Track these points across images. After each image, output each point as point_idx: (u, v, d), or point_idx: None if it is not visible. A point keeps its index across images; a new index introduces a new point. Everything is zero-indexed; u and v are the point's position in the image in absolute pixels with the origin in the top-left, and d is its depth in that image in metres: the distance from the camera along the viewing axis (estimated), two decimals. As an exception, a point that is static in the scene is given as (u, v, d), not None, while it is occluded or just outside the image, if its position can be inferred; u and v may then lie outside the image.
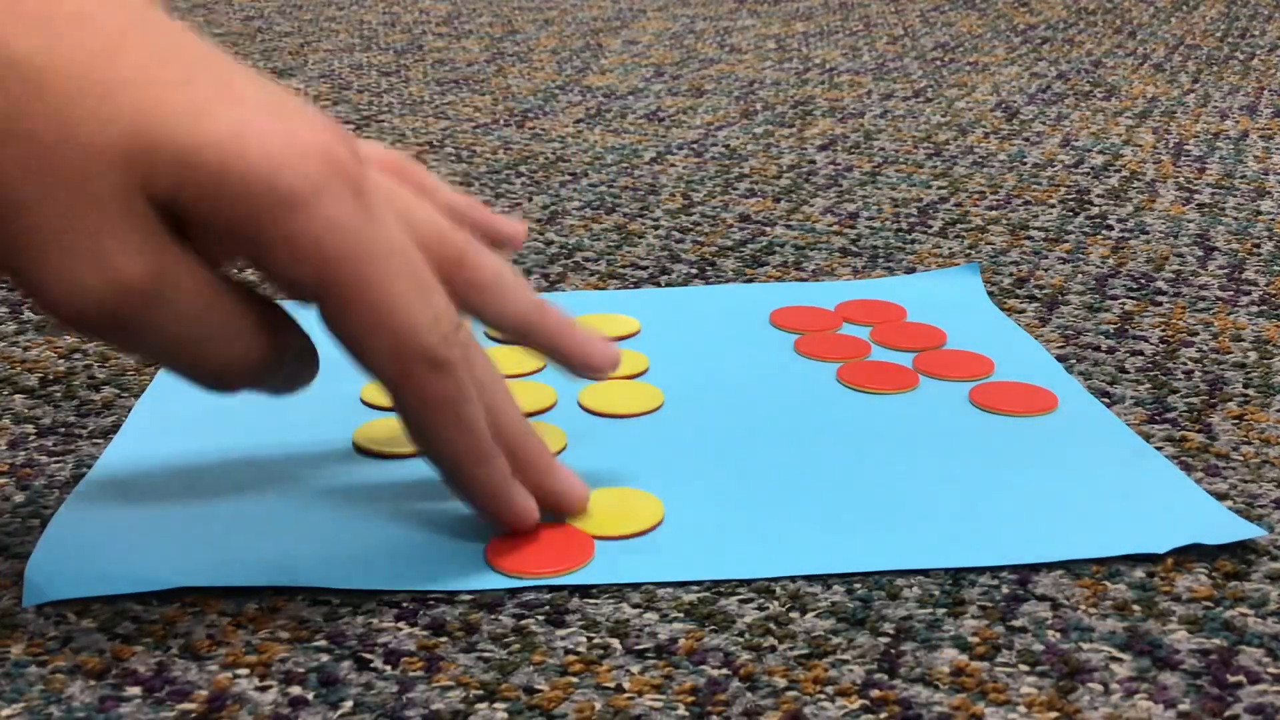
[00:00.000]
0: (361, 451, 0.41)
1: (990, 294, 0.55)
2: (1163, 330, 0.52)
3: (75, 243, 0.28)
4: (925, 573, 0.35)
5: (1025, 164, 0.76)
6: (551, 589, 0.35)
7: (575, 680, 0.31)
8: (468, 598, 0.34)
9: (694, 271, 0.58)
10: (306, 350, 0.34)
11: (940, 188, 0.71)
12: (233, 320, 0.31)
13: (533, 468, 0.35)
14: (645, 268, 0.59)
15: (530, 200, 0.69)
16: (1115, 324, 0.53)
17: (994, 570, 0.36)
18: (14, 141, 0.27)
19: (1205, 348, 0.50)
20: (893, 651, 0.32)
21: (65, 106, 0.28)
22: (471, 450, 0.33)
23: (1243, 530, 0.37)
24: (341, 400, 0.45)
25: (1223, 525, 0.37)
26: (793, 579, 0.35)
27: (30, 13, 0.28)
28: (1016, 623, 0.33)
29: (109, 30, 0.29)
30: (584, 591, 0.35)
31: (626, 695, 0.31)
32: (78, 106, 0.28)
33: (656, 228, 0.64)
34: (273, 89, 0.30)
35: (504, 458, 0.34)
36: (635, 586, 0.35)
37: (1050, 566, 0.36)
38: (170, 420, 0.43)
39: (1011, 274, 0.58)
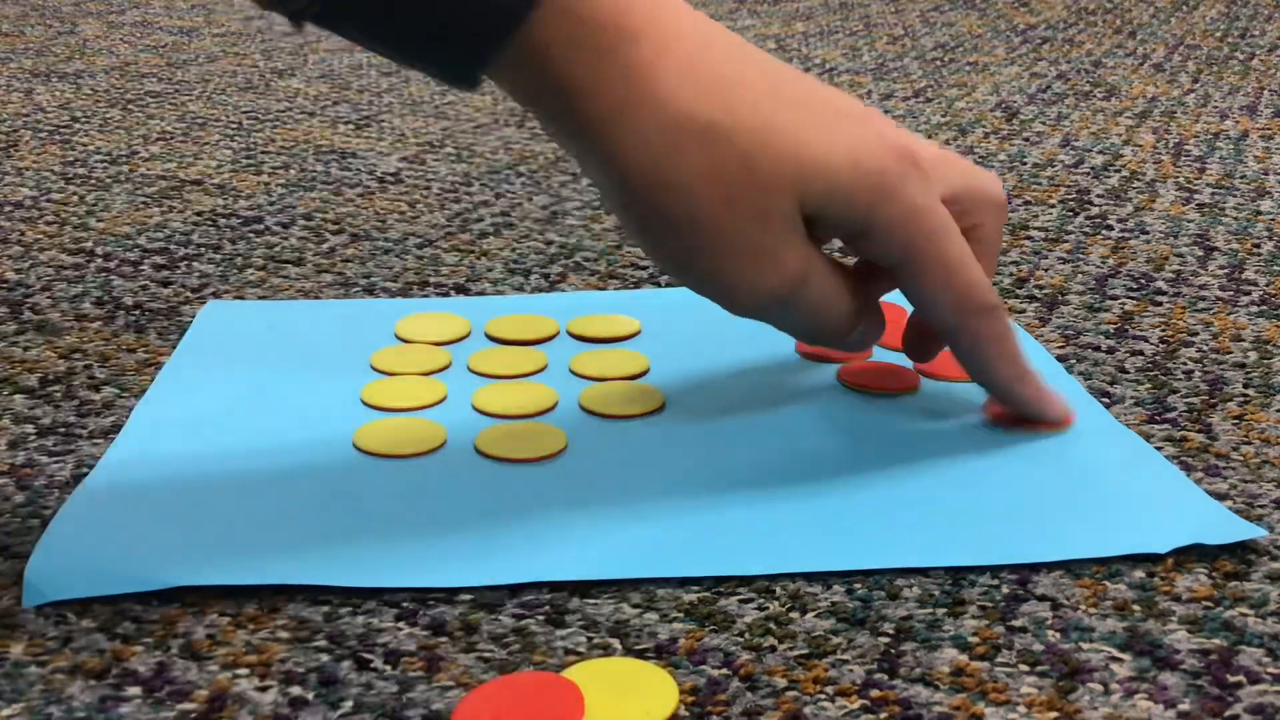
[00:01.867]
0: (362, 451, 0.41)
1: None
2: (1163, 330, 0.52)
3: (760, 253, 0.38)
4: (925, 573, 0.35)
5: (1025, 164, 0.76)
6: (552, 589, 0.35)
7: (575, 680, 0.31)
8: (468, 598, 0.34)
9: (694, 271, 0.58)
10: (874, 311, 0.42)
11: (940, 188, 0.71)
12: (845, 289, 0.40)
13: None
14: (645, 267, 0.59)
15: (530, 200, 0.69)
16: (1115, 324, 0.53)
17: (994, 570, 0.36)
18: (712, 184, 0.36)
19: (1205, 348, 0.50)
20: (893, 651, 0.32)
21: (748, 154, 0.37)
22: (1017, 372, 0.42)
23: (1243, 531, 0.37)
24: (342, 401, 0.45)
25: (1223, 526, 0.37)
26: (792, 579, 0.35)
27: (705, 83, 0.37)
28: (1016, 623, 0.33)
29: (759, 89, 0.37)
30: (584, 591, 0.35)
31: (626, 695, 0.31)
32: (757, 154, 0.37)
33: (656, 228, 0.64)
34: (846, 97, 0.39)
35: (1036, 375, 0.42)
36: (635, 586, 0.35)
37: (1050, 566, 0.36)
38: (170, 421, 0.43)
39: (1011, 274, 0.58)
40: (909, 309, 0.53)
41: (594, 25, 0.35)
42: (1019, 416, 0.43)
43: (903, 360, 0.48)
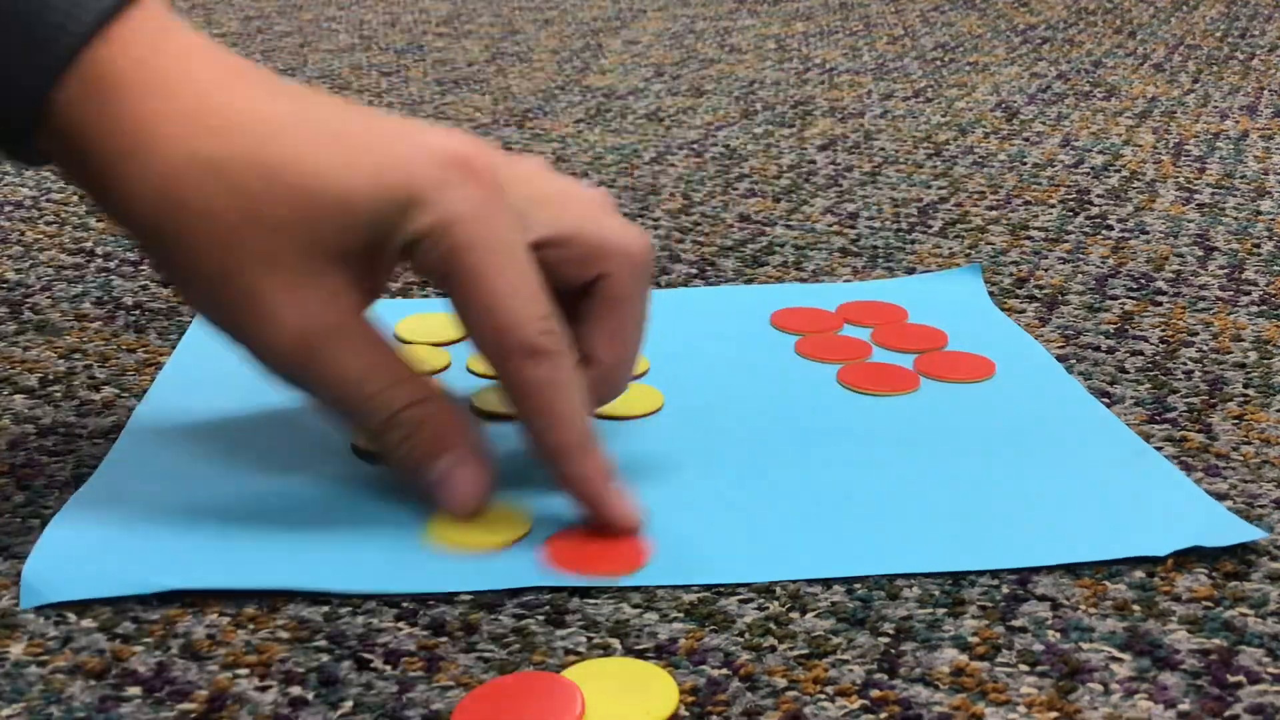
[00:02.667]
0: (361, 455, 0.41)
1: (990, 294, 0.55)
2: (1163, 330, 0.52)
3: (268, 304, 0.34)
4: (925, 574, 0.35)
5: (1025, 164, 0.76)
6: (552, 589, 0.35)
7: (575, 680, 0.31)
8: (467, 598, 0.34)
9: (694, 271, 0.58)
10: (471, 453, 0.36)
11: (940, 188, 0.71)
12: (394, 377, 0.35)
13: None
14: (645, 268, 0.59)
15: (530, 200, 0.69)
16: (1115, 324, 0.53)
17: (994, 570, 0.36)
18: (211, 228, 0.33)
19: (1205, 348, 0.50)
20: (893, 651, 0.32)
21: (251, 193, 0.33)
22: (569, 440, 0.35)
23: (1244, 533, 0.37)
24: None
25: (1224, 528, 0.37)
26: (792, 579, 0.35)
27: (212, 122, 0.34)
28: (1016, 623, 0.33)
29: (278, 123, 0.34)
30: (584, 592, 0.35)
31: (626, 695, 0.31)
32: (262, 192, 0.33)
33: (656, 228, 0.64)
34: (403, 119, 0.36)
35: (602, 453, 0.36)
36: (635, 586, 0.35)
37: (1050, 567, 0.36)
38: (169, 423, 0.43)
39: (1011, 274, 0.58)
40: (910, 310, 0.53)
41: (109, 83, 0.34)
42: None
43: (904, 361, 0.48)
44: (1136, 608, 0.34)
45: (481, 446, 0.36)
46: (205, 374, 0.46)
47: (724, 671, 0.31)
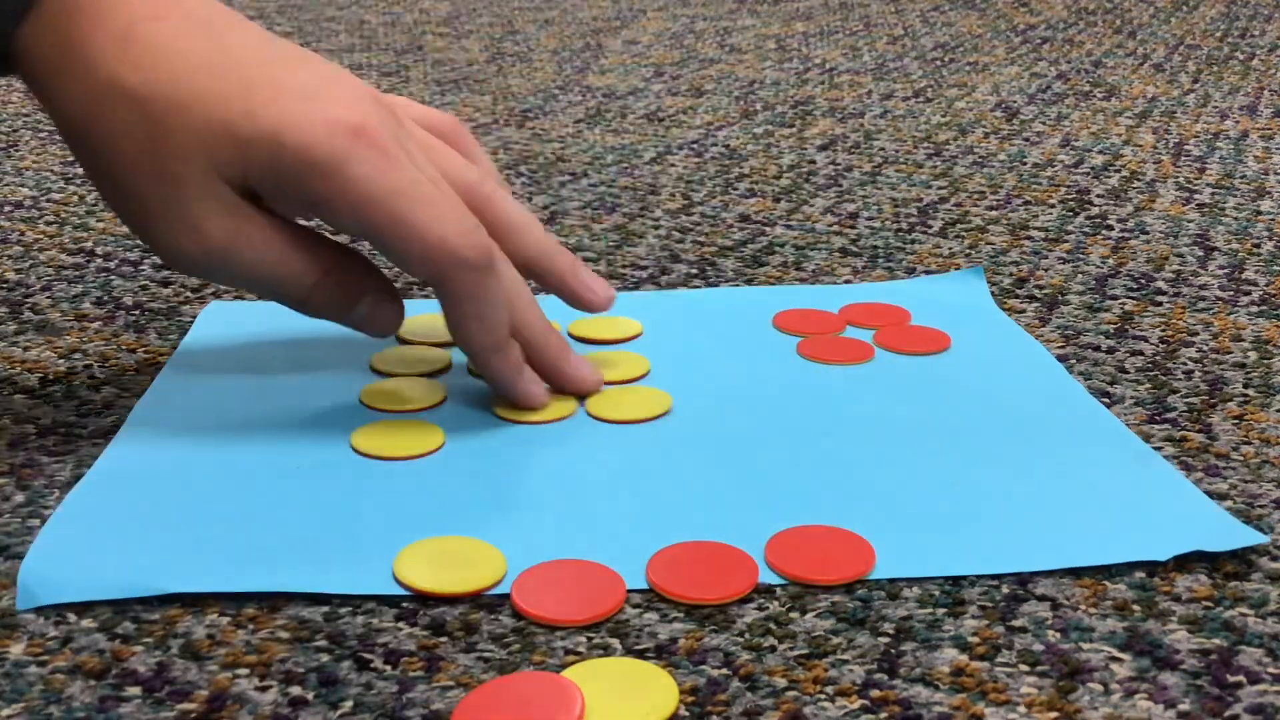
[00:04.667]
0: (359, 454, 0.41)
1: (990, 294, 0.55)
2: (1163, 330, 0.52)
3: (173, 218, 0.38)
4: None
5: (1025, 164, 0.76)
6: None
7: (575, 680, 0.31)
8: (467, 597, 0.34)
9: (694, 271, 0.58)
10: (383, 291, 0.42)
11: (940, 188, 0.71)
12: (295, 255, 0.40)
13: (549, 358, 0.44)
14: (645, 268, 0.59)
15: (530, 200, 0.69)
16: (1115, 324, 0.53)
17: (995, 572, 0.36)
18: (124, 145, 0.38)
19: (1205, 348, 0.50)
20: (893, 651, 0.32)
21: (160, 121, 0.38)
22: (488, 341, 0.41)
23: (1245, 537, 0.36)
24: (341, 402, 0.45)
25: (1226, 531, 0.37)
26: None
27: (134, 53, 0.38)
28: (1016, 623, 0.33)
29: (196, 61, 0.38)
30: (584, 591, 0.34)
31: (626, 695, 0.31)
32: (170, 121, 0.38)
33: (656, 228, 0.64)
34: (315, 71, 0.39)
35: (518, 349, 0.43)
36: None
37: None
38: (169, 423, 0.43)
39: (1011, 274, 0.58)
40: (913, 312, 0.53)
41: (56, 7, 0.38)
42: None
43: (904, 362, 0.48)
44: (1136, 608, 0.34)
45: (388, 284, 0.42)
46: (204, 374, 0.46)
47: (724, 671, 0.31)
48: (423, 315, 0.52)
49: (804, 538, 0.36)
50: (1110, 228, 0.65)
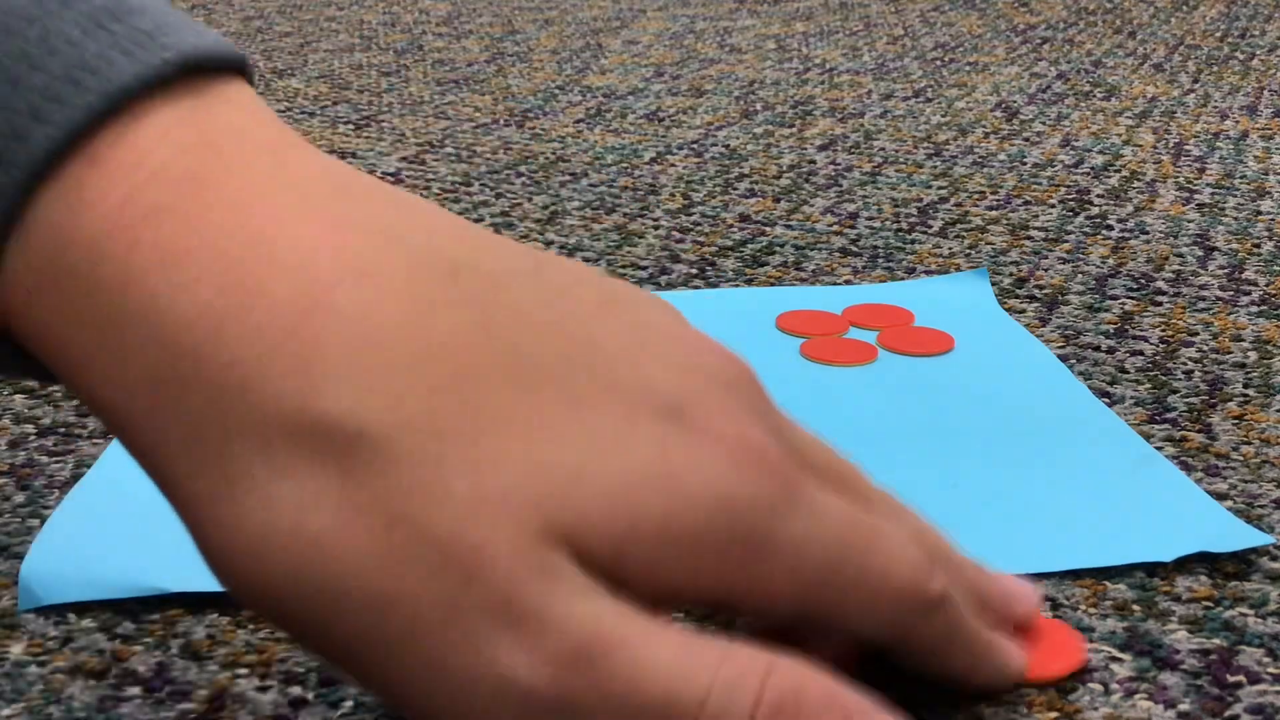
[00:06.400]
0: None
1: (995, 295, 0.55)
2: (1163, 330, 0.52)
3: (482, 625, 0.21)
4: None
5: (1025, 164, 0.76)
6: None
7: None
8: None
9: (694, 271, 0.58)
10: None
11: (940, 188, 0.71)
12: (695, 639, 0.23)
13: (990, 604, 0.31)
14: (645, 268, 0.59)
15: (530, 200, 0.69)
16: (1115, 324, 0.53)
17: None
18: (364, 520, 0.21)
19: (1205, 348, 0.50)
20: (893, 651, 0.32)
21: (425, 469, 0.21)
22: (979, 653, 0.29)
23: (1250, 538, 0.36)
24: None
25: (1229, 533, 0.37)
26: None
27: (368, 367, 0.22)
28: (1016, 623, 0.33)
29: (476, 366, 0.22)
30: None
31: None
32: (442, 468, 0.21)
33: (656, 228, 0.64)
34: (685, 379, 0.24)
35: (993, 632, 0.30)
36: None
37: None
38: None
39: (1011, 274, 0.58)
40: (917, 313, 0.53)
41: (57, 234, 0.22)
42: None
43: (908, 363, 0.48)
44: (1136, 608, 0.34)
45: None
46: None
47: (724, 671, 0.31)
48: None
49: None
50: (1110, 228, 0.65)
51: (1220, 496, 0.40)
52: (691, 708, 0.22)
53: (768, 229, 0.64)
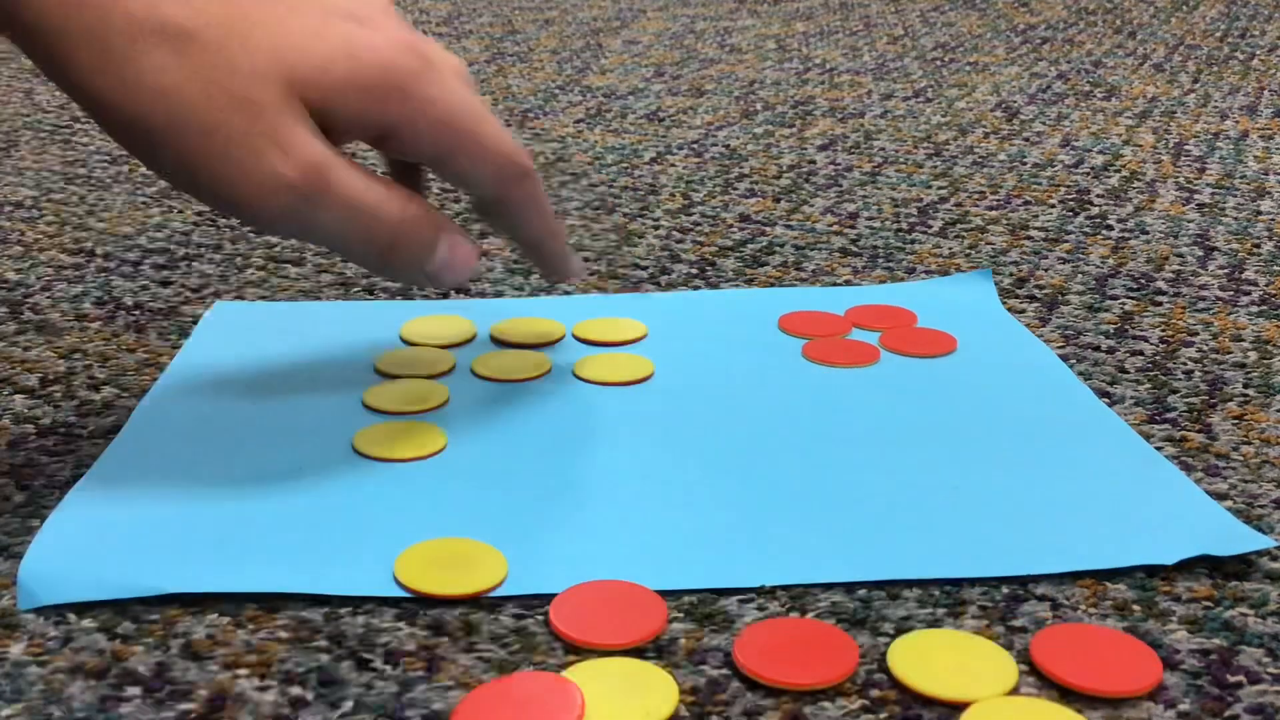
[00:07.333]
0: (361, 455, 0.41)
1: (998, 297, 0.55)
2: (1163, 330, 0.52)
3: (260, 144, 0.35)
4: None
5: (1025, 164, 0.76)
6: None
7: (575, 680, 0.31)
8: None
9: (694, 271, 0.58)
10: (456, 229, 0.40)
11: (940, 188, 0.71)
12: (387, 188, 0.38)
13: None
14: (645, 268, 0.59)
15: (530, 200, 0.69)
16: (1115, 324, 0.53)
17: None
18: (186, 81, 0.35)
19: (1205, 348, 0.50)
20: (893, 651, 0.32)
21: (221, 48, 0.35)
22: (550, 227, 0.43)
23: (1252, 541, 0.36)
24: (343, 404, 0.45)
25: (1231, 536, 0.37)
26: (792, 584, 0.35)
27: None
28: (1016, 623, 0.33)
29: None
30: (584, 592, 0.34)
31: (627, 695, 0.30)
32: (233, 47, 0.35)
33: (656, 228, 0.64)
34: (362, 8, 0.38)
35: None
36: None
37: (1050, 566, 0.36)
38: (171, 423, 0.43)
39: (1011, 274, 0.58)
40: (919, 314, 0.53)
41: None
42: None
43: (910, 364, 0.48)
44: (1136, 608, 0.34)
45: (457, 225, 0.41)
46: (208, 374, 0.46)
47: (724, 671, 0.31)
48: (429, 317, 0.52)
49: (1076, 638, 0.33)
50: (1110, 228, 0.65)
51: (1220, 496, 0.40)
52: (392, 219, 0.37)
53: (768, 229, 0.64)
